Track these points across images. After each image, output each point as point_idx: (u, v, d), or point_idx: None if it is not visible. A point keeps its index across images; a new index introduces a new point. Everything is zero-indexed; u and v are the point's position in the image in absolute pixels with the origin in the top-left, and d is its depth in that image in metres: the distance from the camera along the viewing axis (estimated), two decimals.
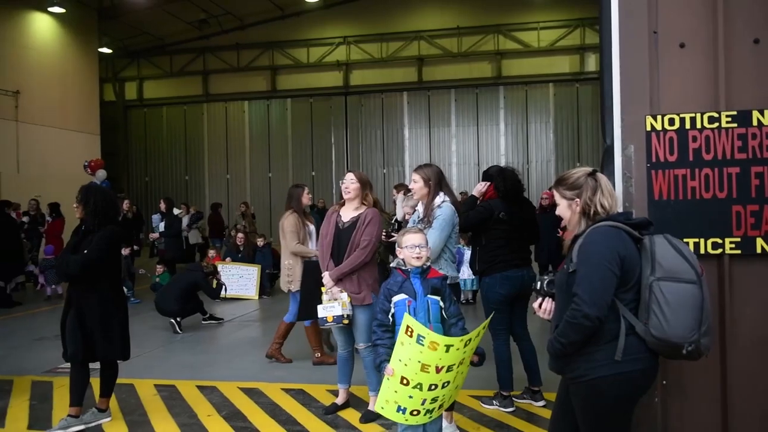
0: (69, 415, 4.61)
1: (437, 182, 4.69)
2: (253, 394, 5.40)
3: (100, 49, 25.04)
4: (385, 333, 3.62)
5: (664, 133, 3.34)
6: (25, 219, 13.36)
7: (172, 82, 27.61)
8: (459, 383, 3.57)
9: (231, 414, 4.92)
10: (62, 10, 21.57)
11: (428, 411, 3.48)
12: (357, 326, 4.66)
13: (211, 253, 11.83)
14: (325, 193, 24.09)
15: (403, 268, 3.75)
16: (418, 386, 3.40)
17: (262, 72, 26.67)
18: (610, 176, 3.40)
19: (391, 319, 3.65)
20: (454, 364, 3.37)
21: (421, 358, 3.32)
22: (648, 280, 2.62)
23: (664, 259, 2.63)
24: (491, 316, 3.56)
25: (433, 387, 3.40)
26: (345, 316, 4.58)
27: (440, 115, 25.45)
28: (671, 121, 3.34)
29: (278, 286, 12.15)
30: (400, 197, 7.03)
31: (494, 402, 4.94)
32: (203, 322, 8.76)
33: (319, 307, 4.64)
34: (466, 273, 8.86)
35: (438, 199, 4.65)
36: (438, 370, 3.36)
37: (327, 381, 5.58)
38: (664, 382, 3.29)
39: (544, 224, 6.18)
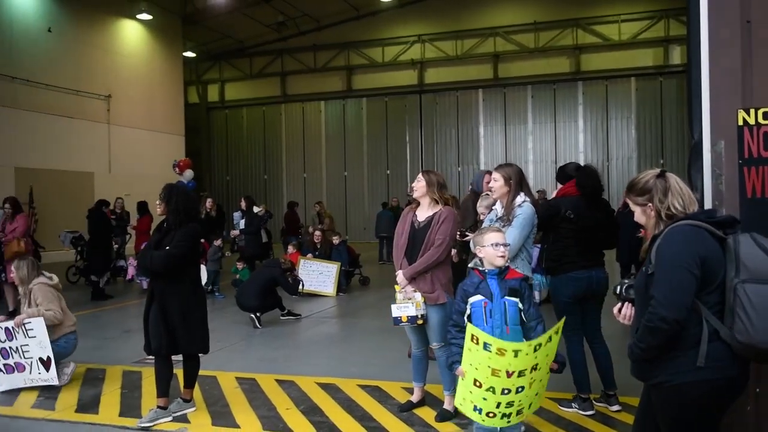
0: (158, 406, 4.82)
1: (518, 181, 4.66)
2: (330, 389, 5.48)
3: (185, 54, 26.09)
4: (460, 333, 3.60)
5: (758, 127, 3.17)
6: (112, 217, 14.04)
7: (252, 84, 28.39)
8: (538, 390, 3.50)
9: (308, 408, 5.01)
10: (149, 17, 22.59)
11: (505, 415, 3.45)
12: (430, 325, 4.66)
13: (290, 249, 12.09)
14: (400, 192, 24.13)
15: (480, 268, 3.72)
16: (491, 390, 3.38)
17: (338, 72, 27.03)
18: (698, 173, 3.26)
19: (466, 320, 3.63)
20: (525, 369, 3.33)
21: (491, 363, 3.30)
22: (732, 282, 2.48)
23: (750, 260, 2.48)
24: (563, 320, 3.47)
25: (506, 391, 3.37)
26: (419, 316, 4.58)
27: (516, 112, 25.06)
28: (765, 115, 3.16)
29: (354, 283, 12.36)
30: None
31: (573, 405, 4.83)
32: (282, 317, 8.96)
33: (393, 307, 4.66)
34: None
35: (519, 199, 4.61)
36: (509, 374, 3.33)
37: (402, 378, 5.60)
38: (758, 390, 3.12)
39: (626, 224, 5.95)
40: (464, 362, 3.42)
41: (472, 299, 3.66)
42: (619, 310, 2.87)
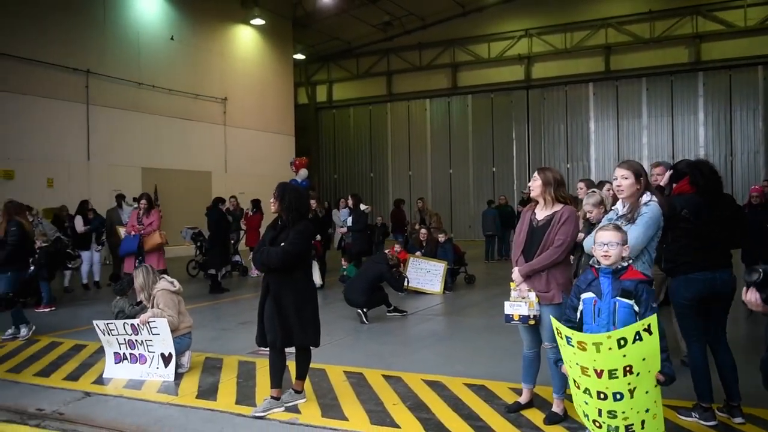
0: (271, 396, 5.02)
1: (647, 178, 4.48)
2: (436, 386, 5.49)
3: (295, 56, 26.96)
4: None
5: None
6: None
7: (359, 84, 28.89)
8: (648, 406, 3.35)
9: (415, 405, 5.04)
10: (262, 22, 23.53)
11: (612, 428, 3.35)
12: (544, 325, 4.55)
13: (397, 247, 12.20)
14: (506, 189, 23.80)
15: (596, 266, 3.63)
16: (587, 392, 3.34)
17: (443, 69, 26.98)
18: None
19: (578, 315, 3.55)
20: (616, 370, 3.23)
21: (577, 359, 3.29)
22: None
23: None
24: (653, 317, 3.28)
25: (602, 396, 3.30)
26: (531, 316, 4.49)
27: (630, 105, 24.01)
28: None
29: (460, 281, 12.31)
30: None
31: (693, 414, 4.57)
32: (388, 314, 9.06)
33: (506, 304, 4.60)
34: None
35: (645, 197, 4.40)
36: (598, 374, 3.27)
37: (509, 378, 5.52)
38: None
39: (753, 222, 5.57)
40: (564, 361, 3.41)
41: (583, 295, 3.58)
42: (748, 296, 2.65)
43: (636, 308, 3.50)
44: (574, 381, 3.43)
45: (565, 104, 25.00)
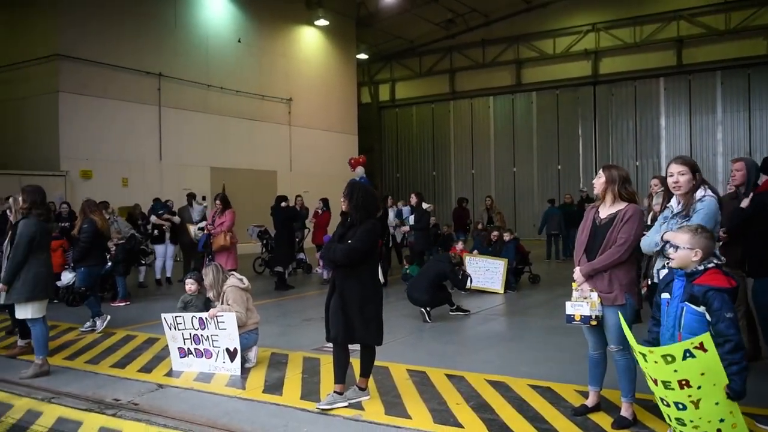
0: (334, 392, 5.08)
1: (701, 173, 4.32)
2: (500, 387, 5.44)
3: (358, 56, 27.17)
4: (654, 327, 3.56)
5: None
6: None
7: (421, 82, 28.86)
8: (719, 414, 3.24)
9: (479, 405, 5.01)
10: (326, 23, 23.83)
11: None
12: (608, 327, 4.44)
13: (459, 246, 12.14)
14: (572, 188, 23.28)
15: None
16: (657, 396, 3.35)
17: (507, 66, 26.64)
18: None
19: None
20: (669, 381, 3.18)
21: (639, 362, 3.36)
22: None
23: None
24: (705, 335, 3.10)
25: (665, 403, 3.31)
26: (593, 316, 4.39)
27: (703, 100, 23.11)
28: None
29: (524, 281, 12.14)
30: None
31: None
32: (450, 313, 9.03)
33: (567, 304, 4.51)
34: None
35: (699, 192, 4.26)
36: (654, 381, 3.28)
37: (575, 381, 5.41)
38: None
39: None
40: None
41: (662, 295, 3.51)
42: None
43: (708, 317, 3.36)
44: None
45: (634, 100, 24.28)
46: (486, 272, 11.15)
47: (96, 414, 5.01)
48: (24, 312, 6.20)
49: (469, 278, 10.02)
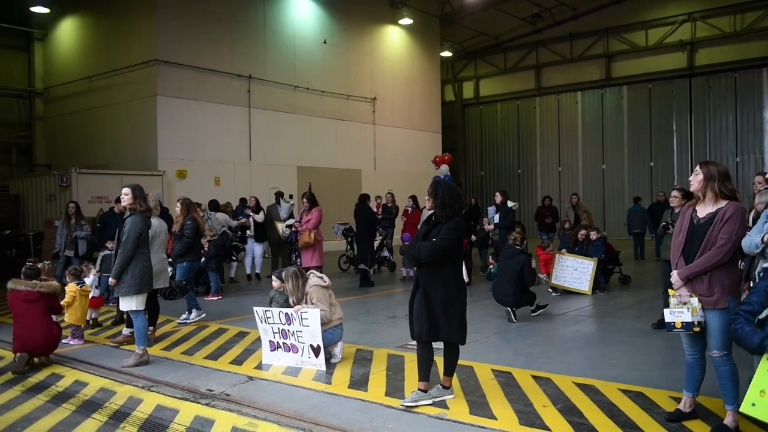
0: (419, 389, 5.10)
1: None
2: (589, 390, 5.29)
3: (441, 53, 27.08)
4: (749, 317, 3.46)
5: None
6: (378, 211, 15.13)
7: (506, 79, 28.44)
8: None
9: (566, 408, 4.90)
10: (410, 22, 23.90)
11: None
12: (710, 331, 4.23)
13: (545, 246, 11.90)
14: (666, 185, 22.29)
15: None
16: None
17: (596, 60, 25.84)
18: None
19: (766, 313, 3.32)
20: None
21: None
22: None
23: None
24: None
25: None
26: (695, 323, 4.18)
27: None
28: None
29: (614, 281, 11.75)
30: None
31: None
32: (532, 314, 8.84)
33: (666, 311, 4.31)
34: None
35: None
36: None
37: (669, 387, 5.19)
38: None
39: None
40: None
41: None
42: None
43: None
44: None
45: (734, 92, 22.96)
46: (574, 272, 10.84)
47: (191, 403, 5.25)
48: (129, 304, 6.56)
49: (536, 277, 9.71)
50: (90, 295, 8.06)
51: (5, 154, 20.38)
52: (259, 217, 13.21)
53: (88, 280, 8.00)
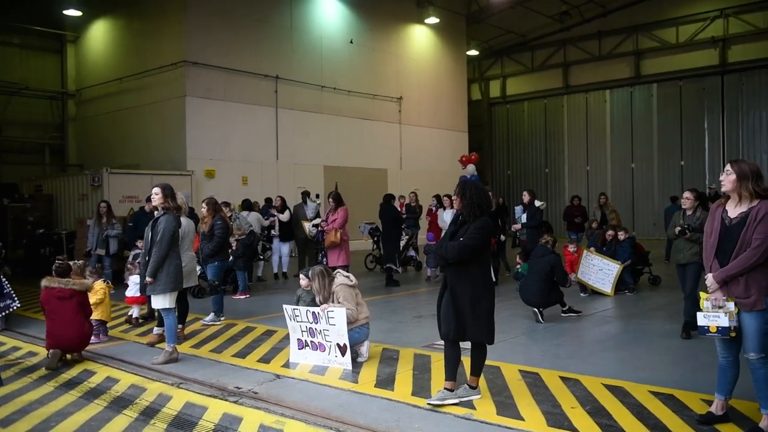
0: (445, 389, 5.09)
1: None
2: (618, 392, 5.23)
3: (468, 52, 26.95)
4: None
5: None
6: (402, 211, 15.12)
7: (533, 77, 28.22)
8: None
9: (595, 409, 4.84)
10: (436, 21, 23.84)
11: None
12: (746, 334, 4.14)
13: (571, 248, 11.78)
14: (697, 184, 21.88)
15: None
16: None
17: (625, 58, 25.53)
18: None
19: None
20: None
21: None
22: None
23: None
24: None
25: None
26: (732, 327, 4.10)
27: None
28: None
29: (643, 282, 11.59)
30: None
31: None
32: (562, 314, 8.77)
33: (700, 315, 4.23)
34: None
35: None
36: None
37: (701, 389, 5.11)
38: None
39: None
40: None
41: None
42: None
43: None
44: None
45: None
46: (599, 272, 10.73)
47: (219, 400, 5.30)
48: (162, 302, 6.65)
49: (568, 277, 9.61)
50: (130, 293, 8.52)
51: (39, 155, 20.82)
52: (284, 216, 13.29)
53: (133, 277, 8.42)
